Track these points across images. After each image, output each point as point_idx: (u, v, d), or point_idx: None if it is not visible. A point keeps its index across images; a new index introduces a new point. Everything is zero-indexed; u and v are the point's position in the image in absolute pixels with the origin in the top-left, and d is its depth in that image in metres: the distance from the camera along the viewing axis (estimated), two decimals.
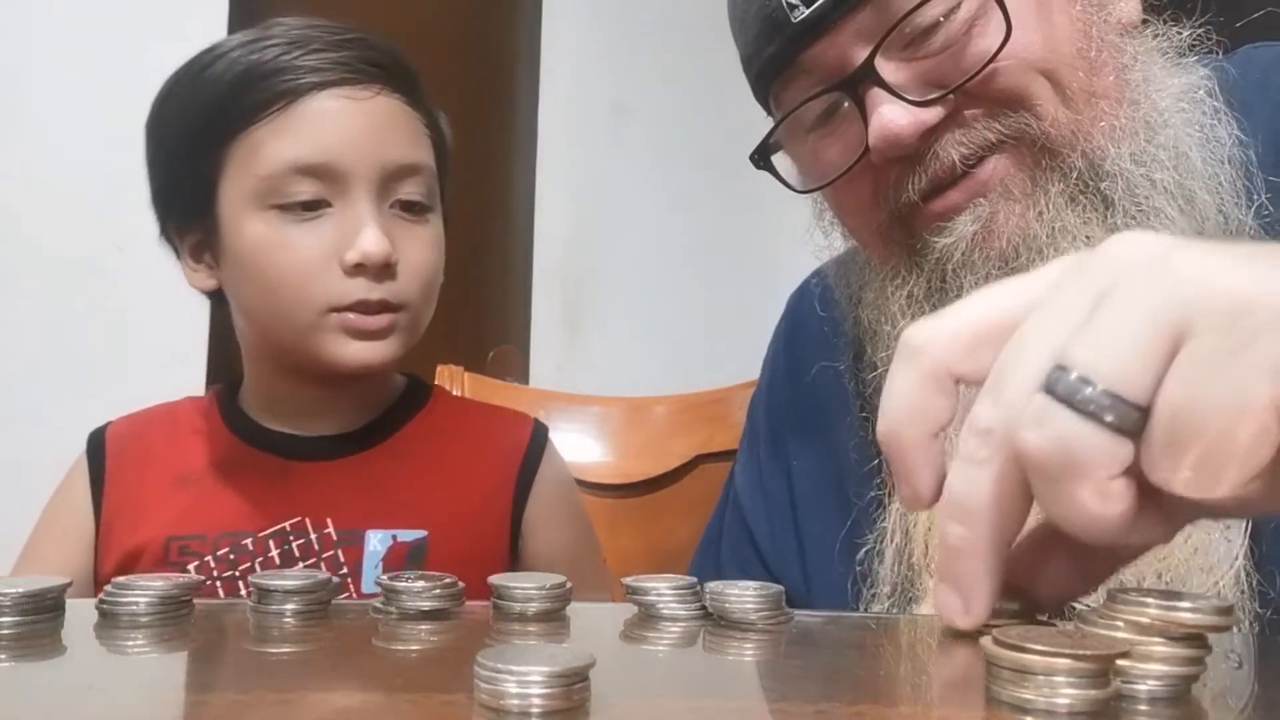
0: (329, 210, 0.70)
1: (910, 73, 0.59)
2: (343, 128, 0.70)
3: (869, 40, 0.58)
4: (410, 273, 0.72)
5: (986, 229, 0.59)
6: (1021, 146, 0.59)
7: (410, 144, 0.73)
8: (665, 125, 2.04)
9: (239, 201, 0.71)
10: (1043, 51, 0.58)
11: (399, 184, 0.72)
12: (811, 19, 0.59)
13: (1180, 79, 0.62)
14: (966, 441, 0.35)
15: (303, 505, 0.74)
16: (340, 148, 0.69)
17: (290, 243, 0.70)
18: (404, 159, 0.72)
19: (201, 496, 0.74)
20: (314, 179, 0.69)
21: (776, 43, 0.62)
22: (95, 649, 0.39)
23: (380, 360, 0.72)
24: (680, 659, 0.40)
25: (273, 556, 0.72)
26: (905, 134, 0.58)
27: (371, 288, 0.70)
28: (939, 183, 0.60)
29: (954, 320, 0.37)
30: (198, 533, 0.73)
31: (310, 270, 0.70)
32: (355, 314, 0.70)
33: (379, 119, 0.72)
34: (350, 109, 0.70)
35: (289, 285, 0.70)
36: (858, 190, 0.64)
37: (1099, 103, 0.59)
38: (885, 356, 0.65)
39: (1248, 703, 0.34)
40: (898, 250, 0.64)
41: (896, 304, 0.64)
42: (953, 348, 0.36)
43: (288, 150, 0.69)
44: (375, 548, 0.73)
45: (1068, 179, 0.59)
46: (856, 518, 0.68)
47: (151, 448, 0.78)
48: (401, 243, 0.71)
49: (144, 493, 0.75)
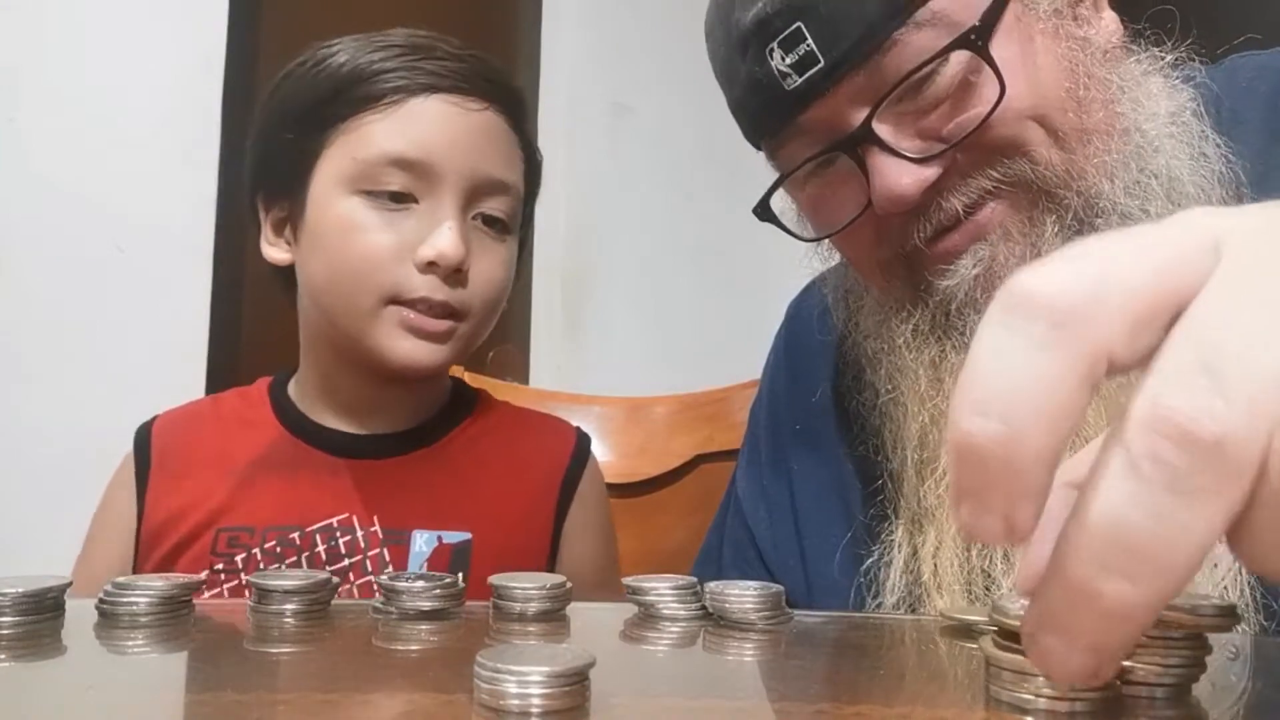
0: (415, 206, 0.71)
1: (907, 128, 0.59)
2: (445, 130, 0.72)
3: (864, 101, 0.58)
4: (479, 283, 0.73)
5: (988, 270, 0.60)
6: (1018, 190, 0.59)
7: (505, 163, 0.75)
8: (665, 125, 2.04)
9: (332, 182, 0.72)
10: (1033, 99, 0.58)
11: (486, 198, 0.74)
12: (803, 88, 0.59)
13: (1167, 103, 0.63)
14: (1159, 455, 0.23)
15: (350, 503, 0.74)
16: (438, 148, 0.71)
17: (370, 227, 0.71)
18: (496, 174, 0.73)
19: (250, 489, 0.75)
20: (407, 173, 0.71)
21: (769, 107, 0.62)
22: (95, 649, 0.39)
23: (431, 363, 0.72)
24: (680, 659, 0.40)
25: (319, 552, 0.73)
26: (909, 194, 0.58)
27: (438, 288, 0.71)
28: (941, 229, 0.60)
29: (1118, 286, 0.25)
30: (246, 525, 0.73)
31: (382, 257, 0.70)
32: (416, 312, 0.71)
33: (481, 131, 0.73)
34: (456, 115, 0.72)
35: (358, 268, 0.71)
36: (861, 236, 0.64)
37: (1091, 139, 0.59)
38: (890, 387, 0.65)
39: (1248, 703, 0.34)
40: (900, 285, 0.64)
41: (902, 337, 0.64)
42: (1121, 325, 0.25)
43: (388, 141, 0.71)
44: (421, 548, 0.74)
45: (1064, 218, 0.59)
46: (859, 530, 0.69)
47: (199, 441, 0.78)
48: (477, 253, 0.73)
49: (191, 485, 0.76)
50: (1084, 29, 0.62)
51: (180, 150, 1.53)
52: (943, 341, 0.62)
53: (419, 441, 0.78)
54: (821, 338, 0.77)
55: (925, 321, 0.63)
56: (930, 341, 0.63)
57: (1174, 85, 0.64)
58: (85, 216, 1.48)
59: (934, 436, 0.62)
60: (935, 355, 0.63)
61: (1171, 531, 0.23)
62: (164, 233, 1.51)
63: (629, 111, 2.02)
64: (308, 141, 0.73)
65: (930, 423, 0.62)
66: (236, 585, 0.71)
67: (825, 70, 0.58)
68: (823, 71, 0.58)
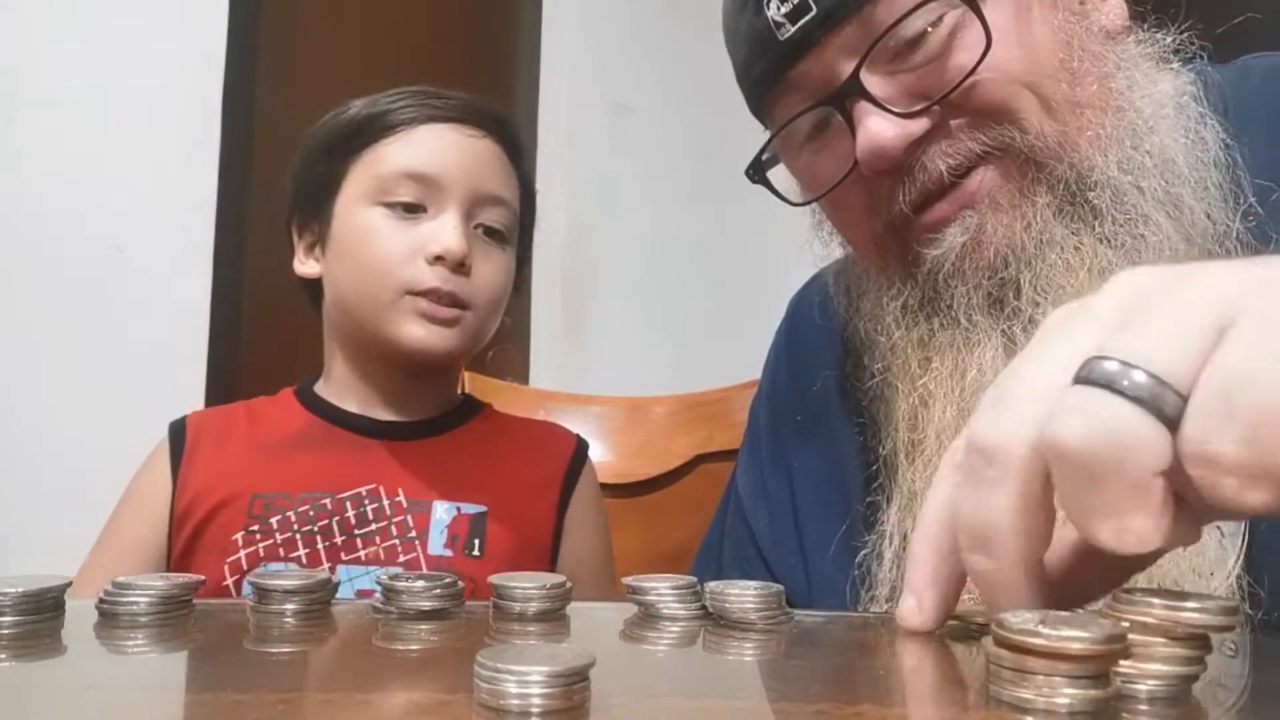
0: (424, 216, 0.83)
1: (895, 85, 0.59)
2: (449, 150, 0.85)
3: (854, 55, 0.59)
4: (481, 280, 0.84)
5: (975, 240, 0.60)
6: (1008, 158, 0.60)
7: (501, 182, 0.87)
8: (665, 125, 2.04)
9: (355, 198, 0.84)
10: (1024, 64, 0.59)
11: (485, 210, 0.85)
12: (797, 36, 0.60)
13: (1165, 84, 0.63)
14: (968, 462, 0.33)
15: (378, 474, 0.83)
16: (444, 164, 0.84)
17: (387, 233, 0.83)
18: (493, 189, 0.86)
19: (284, 460, 0.83)
20: (418, 185, 0.83)
21: (765, 60, 0.63)
22: (95, 649, 0.39)
23: (442, 347, 0.82)
24: (680, 659, 0.40)
25: (349, 517, 0.81)
26: (891, 146, 0.58)
27: (446, 278, 0.81)
28: (928, 194, 0.61)
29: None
30: (281, 490, 0.81)
31: (398, 257, 0.82)
32: (428, 301, 0.81)
33: (480, 154, 0.86)
34: (458, 139, 0.85)
35: (378, 267, 0.82)
36: (852, 202, 0.64)
37: (1084, 112, 0.59)
38: (881, 366, 0.66)
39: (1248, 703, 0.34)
40: (893, 261, 0.64)
41: (891, 315, 0.64)
42: None
43: (402, 158, 0.84)
44: (441, 516, 0.83)
45: (1055, 190, 0.59)
46: (855, 520, 0.69)
47: (233, 427, 0.87)
48: (477, 256, 0.84)
49: (227, 460, 0.84)
50: (1084, 5, 0.63)
51: (180, 150, 1.53)
52: (931, 319, 0.62)
53: (438, 429, 0.89)
54: (823, 324, 0.77)
55: (914, 298, 0.63)
56: (919, 319, 0.63)
57: (1173, 69, 0.64)
58: (85, 216, 1.48)
59: (923, 417, 0.62)
60: (924, 334, 0.63)
61: (989, 513, 0.32)
62: (164, 233, 1.51)
63: (629, 111, 2.02)
64: (334, 170, 0.86)
65: (920, 403, 0.63)
66: (271, 545, 0.79)
67: (818, 19, 0.59)
68: (815, 20, 0.59)
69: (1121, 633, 0.30)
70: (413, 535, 0.81)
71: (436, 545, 0.81)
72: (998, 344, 0.59)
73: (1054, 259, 0.58)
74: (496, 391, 1.15)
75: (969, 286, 0.60)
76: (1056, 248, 0.58)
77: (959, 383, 0.60)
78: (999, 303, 0.60)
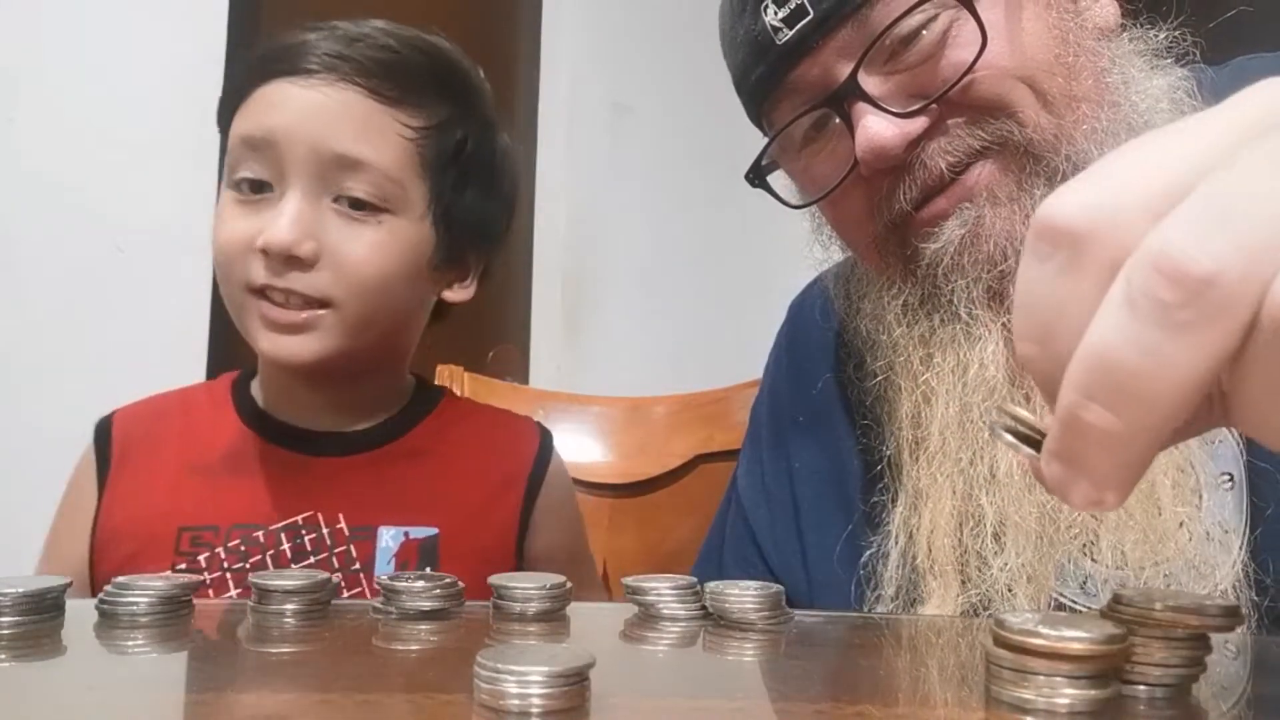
0: (271, 195, 0.71)
1: (893, 85, 0.60)
2: (284, 110, 0.71)
3: (851, 57, 0.59)
4: (339, 269, 0.70)
5: (974, 233, 0.60)
6: (1006, 152, 0.60)
7: (358, 138, 0.71)
8: (665, 125, 2.04)
9: (224, 179, 0.74)
10: (1019, 59, 0.59)
11: (341, 177, 0.70)
12: (794, 41, 0.60)
13: (1159, 80, 0.63)
14: (1151, 289, 0.23)
15: (315, 500, 0.73)
16: (278, 126, 0.70)
17: (230, 218, 0.72)
18: (345, 150, 0.70)
19: (213, 487, 0.74)
20: (256, 156, 0.71)
21: (763, 65, 0.63)
22: (95, 649, 0.39)
23: (301, 355, 0.70)
24: (680, 659, 0.40)
25: (284, 550, 0.72)
26: (891, 145, 0.59)
27: (280, 275, 0.69)
28: (928, 191, 0.61)
29: (1136, 197, 0.26)
30: (210, 523, 0.72)
31: (236, 247, 0.71)
32: (268, 302, 0.70)
33: (330, 109, 0.70)
34: (297, 94, 0.71)
35: (221, 260, 0.73)
36: (852, 203, 0.64)
37: (1080, 106, 0.60)
38: (883, 365, 0.66)
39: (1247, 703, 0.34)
40: (893, 260, 0.65)
41: (892, 313, 0.65)
42: (1143, 232, 0.25)
43: (241, 125, 0.72)
44: (387, 543, 0.73)
45: (1053, 183, 0.59)
46: (859, 521, 0.69)
47: (162, 436, 0.78)
48: (335, 238, 0.70)
49: (153, 481, 0.75)
50: (1078, 3, 0.63)
51: (180, 150, 1.53)
52: (931, 316, 0.63)
53: (382, 438, 0.78)
54: (824, 326, 0.77)
55: (914, 296, 0.63)
56: (920, 316, 0.63)
57: (1167, 66, 0.64)
58: (85, 216, 1.48)
59: (925, 414, 0.62)
60: (925, 330, 0.63)
61: (1156, 365, 0.24)
62: (164, 233, 1.51)
63: (629, 111, 2.02)
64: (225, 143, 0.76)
65: (922, 400, 0.63)
66: (199, 587, 0.71)
67: (815, 23, 0.59)
68: (812, 24, 0.59)
69: (1122, 633, 0.30)
70: (356, 567, 0.72)
71: None
72: (999, 338, 0.60)
73: None
74: (497, 391, 1.14)
75: (968, 280, 0.60)
76: None
77: (961, 378, 0.60)
78: (999, 296, 0.60)
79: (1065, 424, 0.26)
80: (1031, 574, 0.57)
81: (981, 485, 0.59)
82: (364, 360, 0.75)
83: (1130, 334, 0.24)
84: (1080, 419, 0.25)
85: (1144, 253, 0.24)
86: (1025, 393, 0.59)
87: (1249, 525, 0.55)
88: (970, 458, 0.59)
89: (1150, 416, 0.25)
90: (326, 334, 0.70)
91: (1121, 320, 0.24)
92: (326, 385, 0.76)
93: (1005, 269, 0.59)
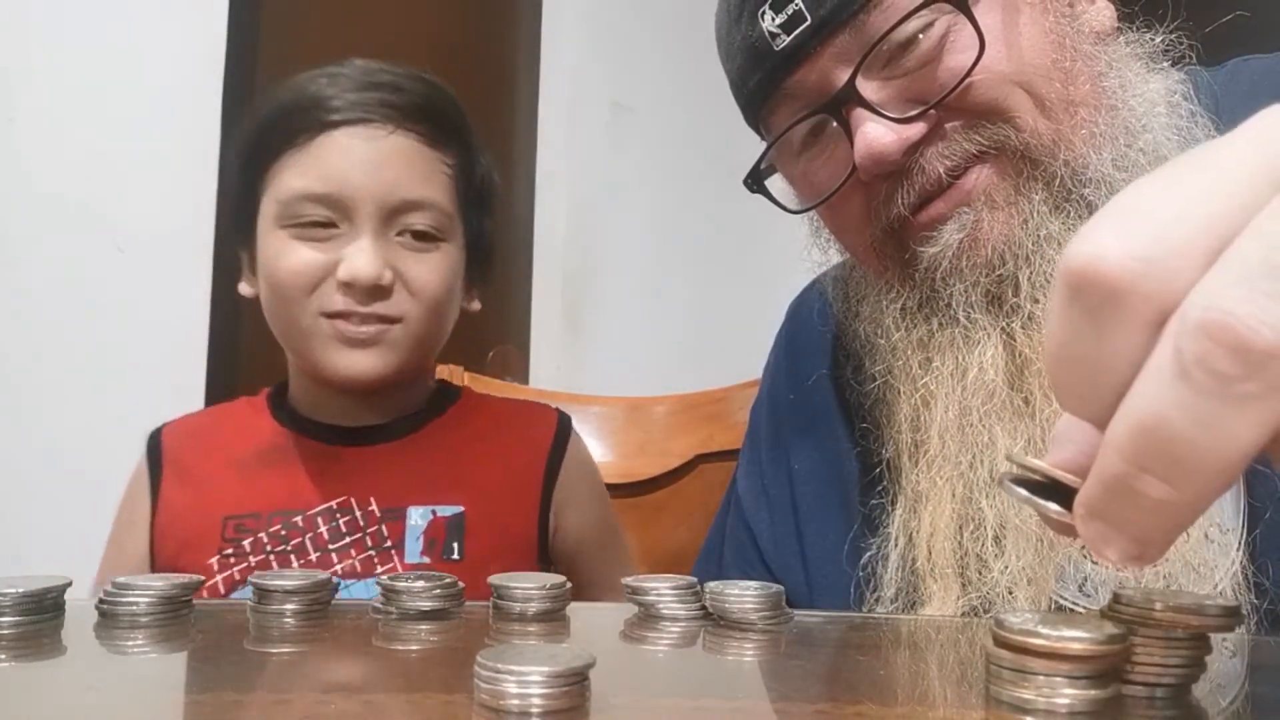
0: (338, 231, 0.77)
1: (891, 90, 0.60)
2: (350, 163, 0.77)
3: (849, 62, 0.59)
4: (410, 291, 0.78)
5: (972, 237, 0.60)
6: (1004, 157, 0.60)
7: (419, 182, 0.79)
8: (665, 125, 2.04)
9: (267, 222, 0.79)
10: (1016, 64, 0.59)
11: (406, 216, 0.78)
12: (792, 47, 0.60)
13: (1156, 84, 0.63)
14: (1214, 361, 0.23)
15: (348, 486, 0.80)
16: (346, 181, 0.76)
17: (298, 254, 0.77)
18: (409, 195, 0.78)
19: (255, 480, 0.81)
20: (322, 205, 0.76)
21: (761, 71, 0.63)
22: (95, 649, 0.39)
23: (373, 370, 0.77)
24: (680, 659, 0.40)
25: (321, 532, 0.78)
26: (889, 151, 0.59)
27: (359, 304, 0.76)
28: (926, 195, 0.61)
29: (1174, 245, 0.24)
30: (252, 511, 0.79)
31: (310, 277, 0.76)
32: (346, 322, 0.76)
33: (388, 157, 0.77)
34: (358, 147, 0.77)
35: (291, 290, 0.77)
36: (850, 208, 0.65)
37: (1078, 110, 0.60)
38: (882, 369, 0.66)
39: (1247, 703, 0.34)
40: (891, 264, 0.65)
41: (891, 317, 0.65)
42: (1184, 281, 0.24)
43: (299, 181, 0.77)
44: (417, 521, 0.79)
45: (1050, 187, 0.59)
46: (859, 523, 0.69)
47: (206, 442, 0.85)
48: (405, 265, 0.78)
49: (202, 480, 0.82)
50: (1075, 8, 0.63)
51: (180, 151, 1.53)
52: (930, 320, 0.63)
53: (408, 428, 0.85)
54: (823, 328, 0.78)
55: (913, 300, 0.64)
56: (918, 320, 0.63)
57: (1164, 70, 0.64)
58: (85, 216, 1.48)
59: (924, 418, 0.62)
60: (924, 335, 0.63)
61: (1215, 439, 0.23)
62: (164, 233, 1.51)
63: (629, 111, 2.02)
64: (248, 189, 0.81)
65: (921, 404, 0.63)
66: (246, 567, 0.77)
67: (812, 28, 0.59)
68: (810, 29, 0.59)
69: (1122, 633, 0.30)
70: (388, 545, 0.78)
71: (413, 553, 0.78)
72: (997, 341, 0.60)
73: (1051, 255, 0.58)
74: (496, 392, 1.14)
75: (967, 284, 0.60)
76: (1054, 243, 0.58)
77: (960, 382, 0.60)
78: (998, 300, 0.60)
79: (1110, 488, 0.26)
80: (1032, 576, 0.57)
81: (981, 488, 0.59)
82: (412, 370, 0.83)
83: (1185, 405, 0.23)
84: (1131, 488, 0.25)
85: (1195, 315, 0.23)
86: (1024, 397, 0.59)
87: (1246, 527, 0.55)
88: (970, 461, 0.59)
89: (1209, 487, 0.24)
90: (393, 347, 0.78)
91: (1176, 391, 0.23)
92: (373, 397, 0.82)
93: (1003, 273, 0.59)
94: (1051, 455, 0.30)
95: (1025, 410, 0.59)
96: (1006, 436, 0.58)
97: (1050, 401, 0.57)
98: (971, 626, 0.44)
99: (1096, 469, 0.26)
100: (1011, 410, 0.59)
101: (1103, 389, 0.26)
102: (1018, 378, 0.59)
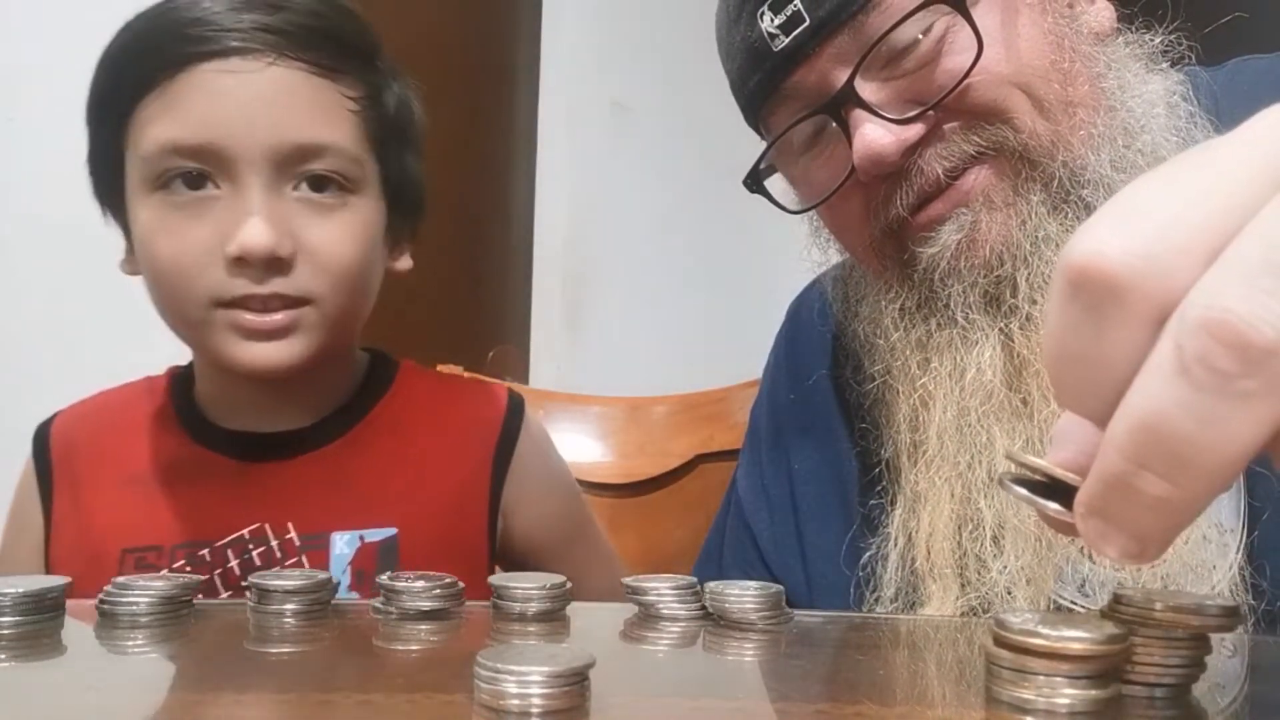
0: (217, 194, 0.62)
1: (889, 91, 0.60)
2: (224, 106, 0.61)
3: (848, 63, 0.60)
4: (317, 264, 0.64)
5: (970, 238, 0.60)
6: (1002, 157, 0.60)
7: (313, 121, 0.63)
8: (665, 125, 2.04)
9: (134, 188, 0.65)
10: (1015, 65, 0.59)
11: (301, 165, 0.63)
12: (791, 47, 0.61)
13: (1155, 85, 0.63)
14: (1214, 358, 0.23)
15: (261, 510, 0.68)
16: (222, 127, 0.61)
17: (173, 229, 0.63)
18: (302, 138, 0.63)
19: (155, 502, 0.69)
20: (195, 159, 0.62)
21: (760, 72, 0.63)
22: (95, 649, 0.39)
23: (282, 362, 0.64)
24: (680, 659, 0.40)
25: (232, 567, 0.66)
26: (888, 152, 0.59)
27: (260, 282, 0.62)
28: (925, 196, 0.61)
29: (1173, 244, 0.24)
30: (153, 544, 0.67)
31: (192, 260, 0.62)
32: (245, 311, 0.62)
33: (270, 94, 0.62)
34: (234, 84, 0.61)
35: (173, 276, 0.63)
36: (849, 208, 0.65)
37: (1076, 111, 0.60)
38: (880, 369, 0.66)
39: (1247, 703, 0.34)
40: (890, 264, 0.65)
41: (889, 317, 0.65)
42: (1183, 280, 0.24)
43: (164, 131, 0.62)
44: (342, 550, 0.67)
45: (1049, 188, 0.59)
46: (859, 523, 0.69)
47: (100, 445, 0.73)
48: (307, 230, 0.63)
49: (94, 496, 0.70)
50: (1074, 8, 0.63)
51: None
52: (929, 320, 0.63)
53: (331, 434, 0.71)
54: (822, 328, 0.78)
55: (912, 300, 0.64)
56: (917, 320, 0.63)
57: (1163, 71, 0.64)
58: (85, 216, 1.48)
59: (923, 418, 0.62)
60: (922, 335, 0.63)
61: (1215, 437, 0.23)
62: None
63: (629, 111, 2.02)
64: (108, 145, 0.66)
65: (920, 404, 0.63)
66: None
67: (811, 29, 0.59)
68: (809, 30, 0.60)
69: (1122, 633, 0.30)
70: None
71: (341, 587, 0.66)
72: (996, 342, 0.60)
73: (1049, 256, 0.58)
74: None
75: (965, 285, 0.60)
76: (1052, 244, 0.59)
77: (959, 382, 0.61)
78: (996, 301, 0.60)
79: (1111, 485, 0.26)
80: (1031, 576, 0.57)
81: (980, 489, 0.59)
82: (332, 351, 0.68)
83: (1185, 402, 0.23)
84: (1131, 485, 0.25)
85: (1195, 313, 0.23)
86: (1022, 397, 0.59)
87: (1246, 527, 0.55)
88: (968, 461, 0.60)
89: (1209, 485, 0.24)
90: (309, 333, 0.64)
91: (1176, 388, 0.23)
92: (288, 385, 0.68)
93: (1001, 274, 0.59)
94: (1051, 454, 0.30)
95: (1023, 411, 0.59)
96: (1005, 437, 0.59)
97: (1048, 402, 0.57)
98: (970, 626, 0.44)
99: (1096, 467, 0.26)
100: (1009, 411, 0.59)
101: (1102, 386, 0.26)
102: (1016, 378, 0.59)
